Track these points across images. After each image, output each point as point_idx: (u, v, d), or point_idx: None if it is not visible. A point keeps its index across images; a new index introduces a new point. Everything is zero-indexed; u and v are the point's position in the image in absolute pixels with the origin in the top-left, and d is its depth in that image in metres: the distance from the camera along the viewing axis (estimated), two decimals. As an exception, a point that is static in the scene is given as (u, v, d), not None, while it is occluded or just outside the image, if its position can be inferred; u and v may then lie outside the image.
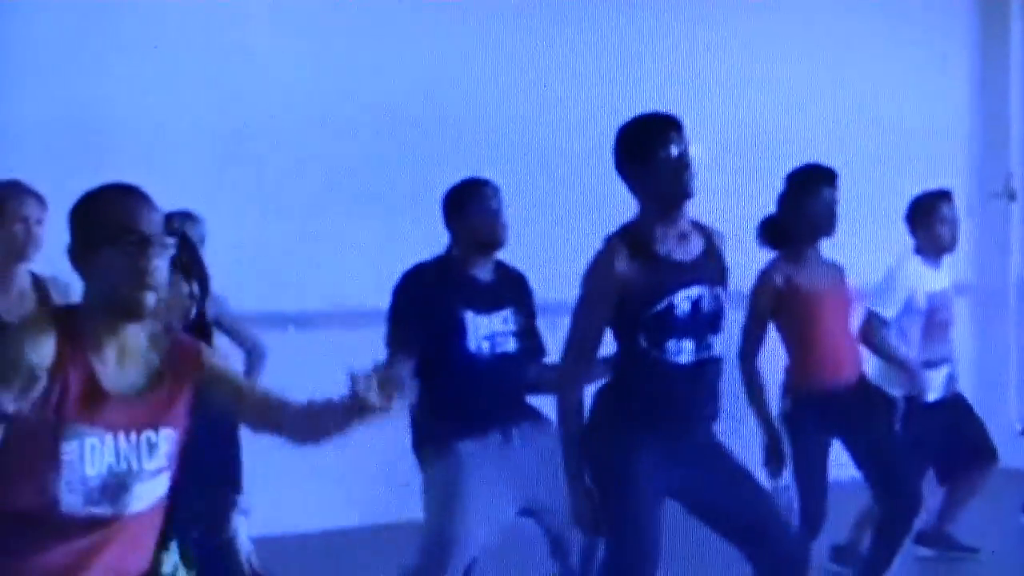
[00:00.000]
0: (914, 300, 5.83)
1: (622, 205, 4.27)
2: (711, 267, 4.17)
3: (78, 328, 2.87)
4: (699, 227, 4.22)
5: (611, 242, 4.14)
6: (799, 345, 5.27)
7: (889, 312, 5.78)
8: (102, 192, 2.94)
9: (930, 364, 5.85)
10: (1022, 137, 8.55)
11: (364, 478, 6.42)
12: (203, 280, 3.70)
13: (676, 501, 4.16)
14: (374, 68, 7.05)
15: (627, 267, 4.06)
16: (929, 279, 5.88)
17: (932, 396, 5.86)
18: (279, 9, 6.96)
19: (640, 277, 4.06)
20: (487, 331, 4.72)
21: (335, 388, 3.14)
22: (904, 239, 6.01)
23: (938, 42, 8.36)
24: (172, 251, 2.92)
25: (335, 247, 6.91)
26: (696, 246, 4.17)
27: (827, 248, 5.37)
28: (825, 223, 5.21)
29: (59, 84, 6.55)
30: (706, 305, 4.12)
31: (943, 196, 5.97)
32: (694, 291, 4.10)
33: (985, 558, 6.33)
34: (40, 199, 4.56)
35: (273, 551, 5.45)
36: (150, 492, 2.94)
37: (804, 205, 5.20)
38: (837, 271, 5.39)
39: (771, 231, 5.28)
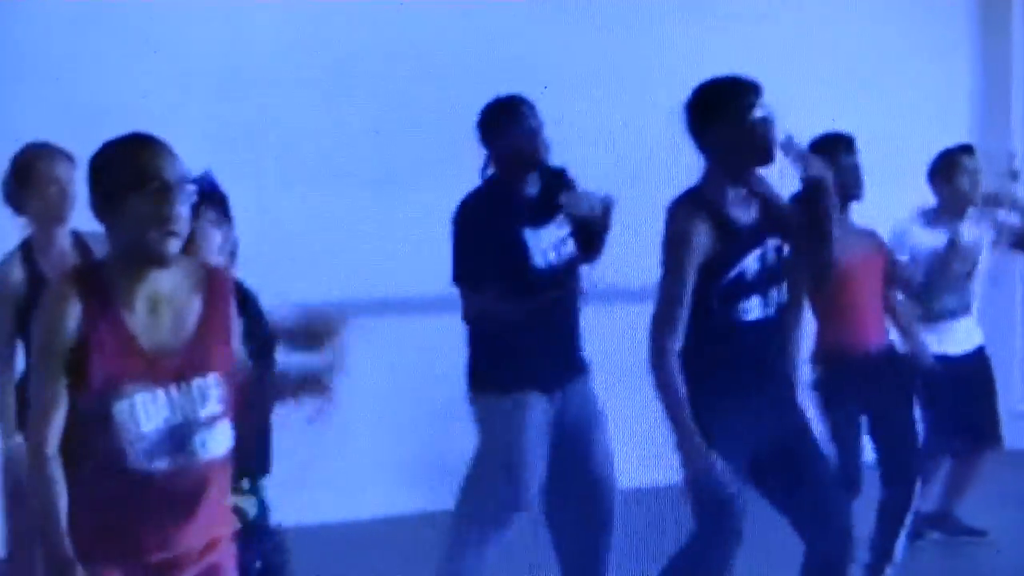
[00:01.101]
0: (918, 253, 5.85)
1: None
2: (771, 220, 4.19)
3: (104, 284, 2.86)
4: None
5: (687, 208, 4.13)
6: (829, 313, 5.26)
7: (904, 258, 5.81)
8: (122, 142, 2.96)
9: (936, 315, 5.89)
10: (1024, 117, 8.53)
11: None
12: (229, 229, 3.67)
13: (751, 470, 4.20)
14: (376, 67, 7.03)
15: (705, 235, 4.08)
16: (930, 236, 5.90)
17: (952, 350, 5.90)
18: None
19: (716, 245, 4.09)
20: (548, 242, 4.67)
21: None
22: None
23: (938, 21, 8.33)
24: (194, 198, 2.92)
25: (340, 238, 6.90)
26: (754, 203, 4.19)
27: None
28: (850, 188, 5.18)
29: (61, 82, 6.56)
30: (769, 259, 4.17)
31: (965, 150, 6.03)
32: (758, 252, 4.15)
33: (990, 540, 6.31)
34: (70, 159, 4.56)
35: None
36: (214, 441, 2.92)
37: None
38: (869, 238, 5.37)
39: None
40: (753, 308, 4.13)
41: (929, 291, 5.89)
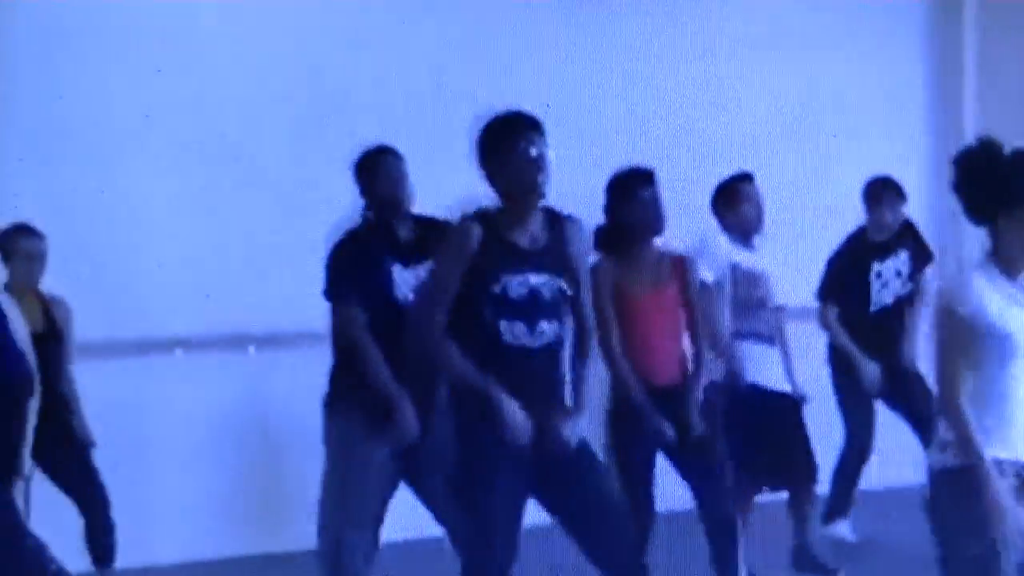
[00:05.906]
0: (725, 270, 5.80)
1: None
2: (552, 257, 4.23)
3: None
4: (552, 215, 4.28)
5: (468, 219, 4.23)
6: (624, 345, 5.22)
7: (709, 275, 5.73)
8: None
9: (742, 336, 5.82)
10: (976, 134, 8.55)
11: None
12: None
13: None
14: (372, 85, 7.03)
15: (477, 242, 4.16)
16: (737, 256, 5.85)
17: (760, 379, 5.82)
18: (275, 23, 6.96)
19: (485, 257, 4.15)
20: (412, 283, 4.87)
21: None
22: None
23: (893, 41, 8.42)
24: None
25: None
26: (543, 236, 4.24)
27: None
28: (651, 222, 5.21)
29: (64, 101, 6.57)
30: (545, 293, 4.20)
31: (745, 178, 5.99)
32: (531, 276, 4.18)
33: None
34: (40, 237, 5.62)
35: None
36: None
37: (625, 209, 5.20)
38: (668, 267, 5.30)
39: (601, 238, 5.24)
40: (517, 332, 4.15)
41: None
